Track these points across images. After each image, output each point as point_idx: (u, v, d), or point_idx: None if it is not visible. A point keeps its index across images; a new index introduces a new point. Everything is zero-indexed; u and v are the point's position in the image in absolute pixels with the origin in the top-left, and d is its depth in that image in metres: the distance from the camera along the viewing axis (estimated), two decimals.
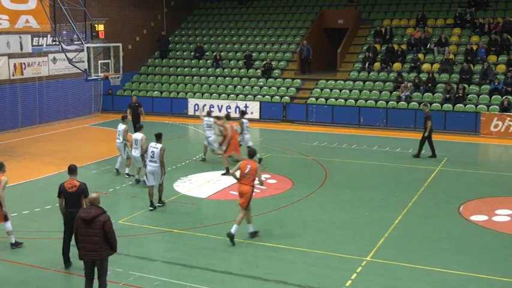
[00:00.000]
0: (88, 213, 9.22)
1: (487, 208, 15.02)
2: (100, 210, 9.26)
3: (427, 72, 28.41)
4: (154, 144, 14.93)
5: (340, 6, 35.46)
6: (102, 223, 9.13)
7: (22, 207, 15.29)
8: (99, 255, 9.25)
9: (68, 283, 10.84)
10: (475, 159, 20.73)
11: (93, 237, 9.16)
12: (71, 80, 29.42)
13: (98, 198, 9.43)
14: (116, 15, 32.52)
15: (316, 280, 10.80)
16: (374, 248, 12.35)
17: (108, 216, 9.25)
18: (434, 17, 32.53)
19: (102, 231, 9.14)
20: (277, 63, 32.63)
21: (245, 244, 12.51)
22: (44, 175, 18.59)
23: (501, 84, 26.26)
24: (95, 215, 9.17)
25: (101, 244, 9.19)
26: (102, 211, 9.27)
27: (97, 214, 9.19)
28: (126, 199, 15.82)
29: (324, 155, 21.32)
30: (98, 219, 9.15)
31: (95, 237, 9.15)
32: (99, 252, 9.24)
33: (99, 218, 9.16)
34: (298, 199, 15.90)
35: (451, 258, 11.86)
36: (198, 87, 32.36)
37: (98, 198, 9.43)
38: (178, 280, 10.79)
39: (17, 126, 26.87)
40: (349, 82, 29.74)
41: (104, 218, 9.18)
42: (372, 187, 17.18)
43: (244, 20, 37.14)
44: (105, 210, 9.33)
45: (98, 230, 9.14)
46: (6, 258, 11.94)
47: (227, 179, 17.89)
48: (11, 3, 26.02)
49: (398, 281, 10.85)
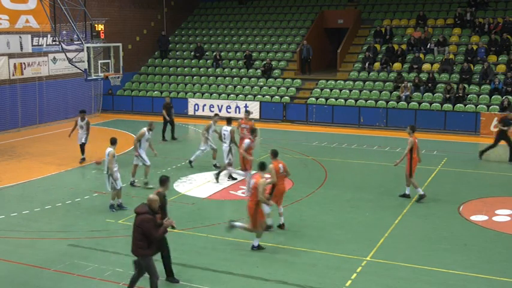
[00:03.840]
0: (136, 209, 9.51)
1: (487, 208, 15.03)
2: (145, 210, 9.41)
3: (427, 72, 28.42)
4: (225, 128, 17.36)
5: (340, 6, 35.47)
6: (139, 221, 9.33)
7: (22, 207, 15.28)
8: (135, 251, 9.49)
9: (68, 283, 10.83)
10: (475, 159, 20.71)
11: (133, 233, 9.47)
12: (71, 80, 29.43)
13: (152, 200, 9.54)
14: (116, 15, 32.53)
15: (316, 280, 10.80)
16: (374, 248, 12.35)
17: (149, 218, 9.34)
18: (434, 17, 32.54)
19: (140, 229, 9.32)
20: (277, 63, 32.63)
21: (245, 244, 12.50)
22: (44, 175, 18.59)
23: (501, 84, 26.26)
24: (138, 211, 9.45)
25: (136, 241, 9.40)
26: (146, 211, 9.40)
27: (140, 212, 9.42)
28: (126, 199, 15.80)
29: (324, 155, 21.32)
30: (138, 217, 9.39)
31: (134, 234, 9.45)
32: (135, 249, 9.47)
33: (140, 217, 9.37)
34: (298, 199, 15.90)
35: (451, 258, 11.86)
36: (198, 87, 32.36)
37: (152, 200, 9.54)
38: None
39: (17, 126, 26.87)
40: (349, 82, 29.74)
41: (143, 218, 9.34)
42: (372, 187, 17.17)
43: (244, 20, 37.14)
44: (151, 212, 9.43)
45: (136, 227, 9.39)
46: (6, 258, 11.93)
47: (227, 179, 17.90)
48: (11, 3, 26.03)
49: (398, 281, 10.85)
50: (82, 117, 20.12)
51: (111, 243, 12.83)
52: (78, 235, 13.28)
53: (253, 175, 12.94)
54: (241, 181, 17.56)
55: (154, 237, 9.38)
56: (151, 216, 9.40)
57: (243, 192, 16.29)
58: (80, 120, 20.10)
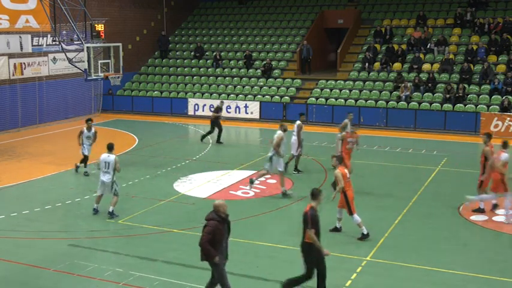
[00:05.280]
0: (206, 216, 9.40)
1: (487, 208, 15.01)
2: (211, 216, 9.29)
3: (427, 72, 28.42)
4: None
5: (340, 6, 35.47)
6: (203, 227, 9.26)
7: (22, 207, 15.28)
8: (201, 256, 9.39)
9: (68, 283, 10.83)
10: (475, 159, 20.66)
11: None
12: (71, 80, 29.42)
13: (218, 205, 9.36)
14: (116, 15, 32.53)
15: (316, 280, 10.78)
16: (374, 248, 12.35)
17: (210, 226, 9.17)
18: (434, 17, 32.54)
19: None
20: (277, 63, 32.63)
21: (245, 244, 12.50)
22: (44, 175, 18.59)
23: (501, 84, 26.26)
24: (206, 218, 9.34)
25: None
26: (210, 218, 9.26)
27: (206, 219, 9.32)
28: (126, 199, 15.81)
29: (324, 155, 21.31)
30: (205, 224, 9.29)
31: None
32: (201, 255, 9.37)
33: (206, 223, 9.27)
34: (298, 199, 15.89)
35: (451, 258, 11.86)
36: (198, 87, 32.36)
37: (218, 205, 9.36)
38: (178, 280, 10.80)
39: (17, 126, 26.87)
40: (349, 82, 29.74)
41: (207, 223, 9.23)
42: (372, 187, 17.17)
43: (244, 20, 37.13)
44: (217, 219, 9.23)
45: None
46: (6, 258, 11.93)
47: (227, 179, 17.91)
48: (11, 3, 26.02)
49: (398, 281, 10.85)
50: (89, 127, 18.29)
51: (111, 243, 12.83)
52: (78, 235, 13.28)
53: (342, 167, 13.12)
54: (242, 181, 17.57)
55: (200, 242, 9.21)
56: (213, 222, 9.20)
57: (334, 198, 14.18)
58: (87, 130, 18.29)
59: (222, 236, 9.30)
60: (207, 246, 9.19)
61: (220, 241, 9.29)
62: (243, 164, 19.81)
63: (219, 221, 9.25)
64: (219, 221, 9.25)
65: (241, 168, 19.33)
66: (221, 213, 9.32)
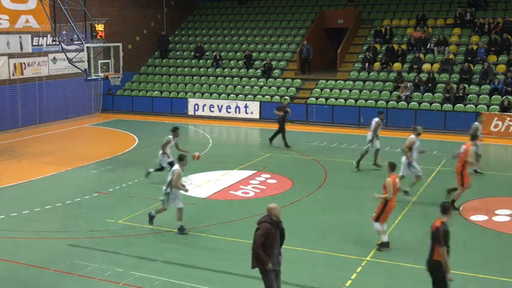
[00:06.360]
0: (259, 219, 9.08)
1: (487, 208, 15.02)
2: (263, 219, 8.95)
3: (427, 72, 28.42)
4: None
5: (340, 6, 35.47)
6: (255, 230, 8.94)
7: (22, 207, 15.28)
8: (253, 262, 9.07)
9: (68, 283, 10.83)
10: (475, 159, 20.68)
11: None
12: (71, 80, 29.40)
13: (270, 209, 9.01)
14: (116, 15, 32.52)
15: (316, 280, 10.80)
16: (374, 248, 12.34)
17: (260, 230, 8.81)
18: (434, 17, 32.54)
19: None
20: (277, 63, 32.63)
21: (245, 244, 12.49)
22: (44, 175, 18.59)
23: (501, 84, 26.26)
24: (258, 221, 9.04)
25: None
26: (263, 221, 8.93)
27: (259, 221, 9.01)
28: (126, 199, 15.81)
29: (324, 155, 21.31)
30: (257, 227, 9.00)
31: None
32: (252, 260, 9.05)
33: (258, 226, 8.97)
34: (298, 199, 15.89)
35: (451, 258, 11.78)
36: (198, 87, 32.36)
37: (270, 209, 9.01)
38: (178, 280, 10.79)
39: (17, 126, 26.86)
40: (349, 82, 29.74)
41: (259, 226, 8.90)
42: (372, 187, 17.12)
43: (244, 20, 37.13)
44: (269, 222, 8.90)
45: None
46: (6, 258, 11.93)
47: (227, 179, 17.90)
48: (11, 3, 26.01)
49: (398, 281, 10.85)
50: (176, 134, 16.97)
51: (111, 243, 12.83)
52: (78, 235, 13.28)
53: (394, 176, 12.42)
54: (241, 181, 17.57)
55: (253, 247, 8.87)
56: (265, 225, 8.84)
57: None
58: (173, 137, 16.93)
59: (273, 240, 8.89)
60: (259, 251, 8.73)
61: (271, 245, 8.88)
62: (243, 164, 19.81)
63: (271, 223, 8.91)
64: (271, 223, 8.90)
65: (241, 168, 19.33)
66: (273, 217, 8.96)
